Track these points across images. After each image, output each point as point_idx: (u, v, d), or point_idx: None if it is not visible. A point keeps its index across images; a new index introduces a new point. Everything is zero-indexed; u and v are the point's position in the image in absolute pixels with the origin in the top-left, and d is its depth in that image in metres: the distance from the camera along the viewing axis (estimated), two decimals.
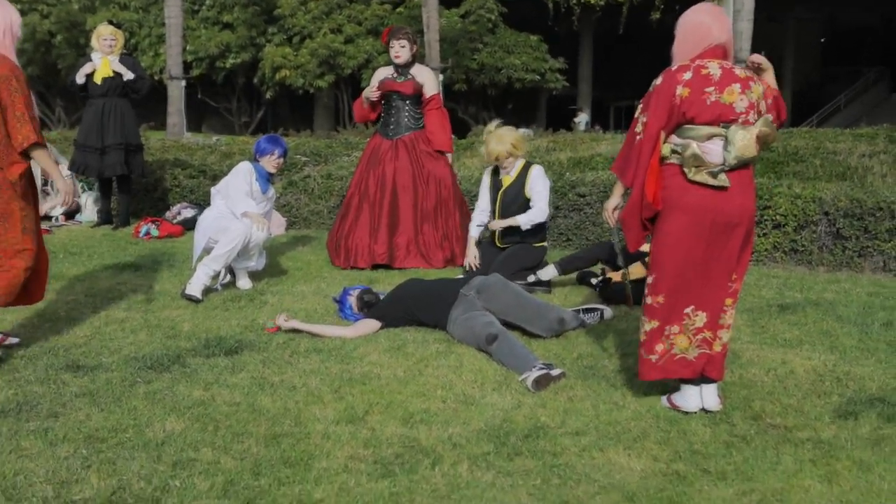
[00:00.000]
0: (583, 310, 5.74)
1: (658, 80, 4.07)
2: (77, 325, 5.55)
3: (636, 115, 4.17)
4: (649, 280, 4.14)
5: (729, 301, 4.13)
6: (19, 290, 4.91)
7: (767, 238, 7.55)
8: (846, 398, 4.25)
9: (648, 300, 4.14)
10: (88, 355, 4.93)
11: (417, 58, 7.98)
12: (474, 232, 7.13)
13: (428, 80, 7.94)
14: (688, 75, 3.99)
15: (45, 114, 28.98)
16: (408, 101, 7.82)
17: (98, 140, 9.24)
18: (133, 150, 9.49)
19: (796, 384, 4.47)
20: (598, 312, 5.76)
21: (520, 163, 6.90)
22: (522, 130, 7.65)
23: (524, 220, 6.75)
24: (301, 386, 4.42)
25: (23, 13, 26.36)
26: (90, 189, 10.51)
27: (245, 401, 4.20)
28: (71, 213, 10.48)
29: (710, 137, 3.98)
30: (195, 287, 6.32)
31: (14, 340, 5.16)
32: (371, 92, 7.80)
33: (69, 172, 9.89)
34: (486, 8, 24.61)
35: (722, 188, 3.97)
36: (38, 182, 9.78)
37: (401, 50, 7.77)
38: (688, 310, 4.08)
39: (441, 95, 8.06)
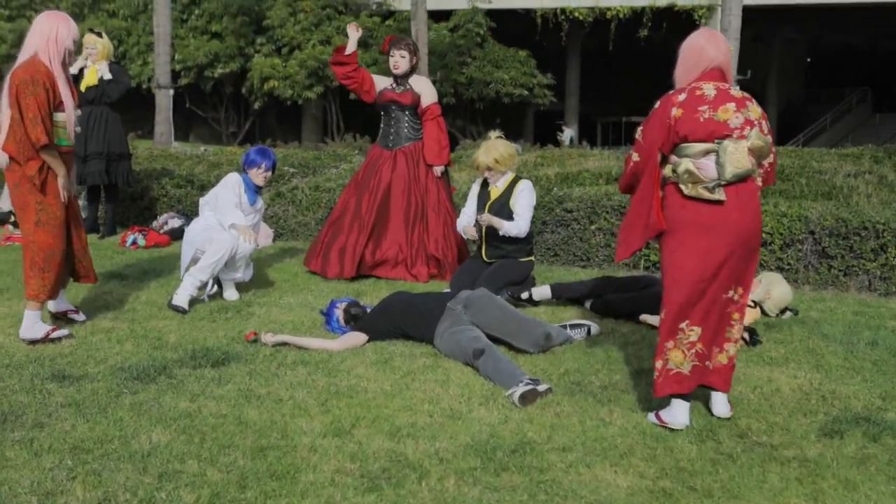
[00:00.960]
0: (570, 325, 5.75)
1: (656, 105, 4.15)
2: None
3: (636, 138, 4.24)
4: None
5: (736, 315, 4.19)
6: (50, 278, 5.45)
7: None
8: (832, 417, 4.27)
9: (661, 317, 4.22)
10: (74, 365, 4.90)
11: (416, 69, 7.99)
12: (460, 227, 7.23)
13: (426, 90, 7.94)
14: (682, 97, 4.07)
15: None
16: (407, 112, 7.83)
17: (81, 148, 9.16)
18: (116, 159, 9.42)
19: (782, 402, 4.49)
20: (585, 328, 5.77)
21: (508, 176, 6.93)
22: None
23: (506, 227, 6.73)
24: (288, 398, 4.41)
25: (11, 19, 26.40)
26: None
27: (231, 413, 4.18)
28: None
29: (705, 154, 4.02)
30: (182, 298, 6.30)
31: (81, 317, 5.83)
32: (352, 31, 7.93)
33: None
34: (474, 22, 24.68)
35: (719, 202, 4.00)
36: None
37: (400, 60, 7.79)
38: (683, 325, 4.09)
39: (439, 107, 8.05)
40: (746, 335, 5.50)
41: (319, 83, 23.91)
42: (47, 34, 5.37)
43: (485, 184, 7.05)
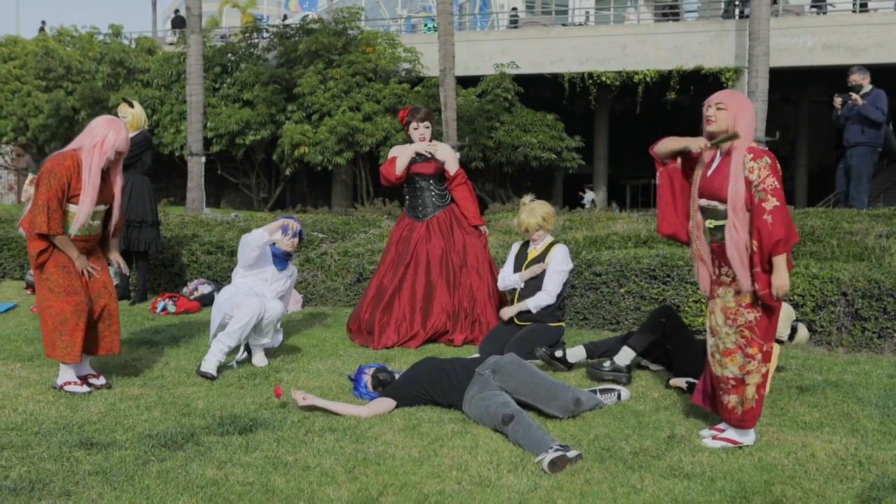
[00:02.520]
0: (600, 390, 5.69)
1: (769, 160, 4.62)
2: (92, 401, 5.53)
3: (777, 186, 4.59)
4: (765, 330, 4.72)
5: None
6: (67, 341, 5.72)
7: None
8: (869, 483, 4.17)
9: (765, 348, 4.74)
10: (102, 432, 4.90)
11: (434, 135, 8.04)
12: (501, 286, 7.30)
13: (448, 156, 7.99)
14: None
15: None
16: (431, 181, 7.87)
17: None
18: (138, 226, 9.47)
19: (817, 468, 4.40)
20: (616, 393, 5.70)
21: (548, 239, 7.07)
22: None
23: (532, 305, 6.87)
24: (315, 466, 4.37)
25: (48, 90, 26.92)
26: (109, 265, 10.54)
27: (258, 480, 4.15)
28: None
29: None
30: (210, 364, 6.30)
31: (101, 381, 5.92)
32: (424, 147, 7.89)
33: None
34: (502, 87, 24.87)
35: None
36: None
37: (425, 131, 7.88)
38: None
39: (463, 170, 8.09)
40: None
41: (349, 149, 24.13)
42: (96, 137, 5.78)
43: (524, 245, 7.17)
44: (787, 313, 6.23)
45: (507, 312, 6.99)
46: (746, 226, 4.62)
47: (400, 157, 7.88)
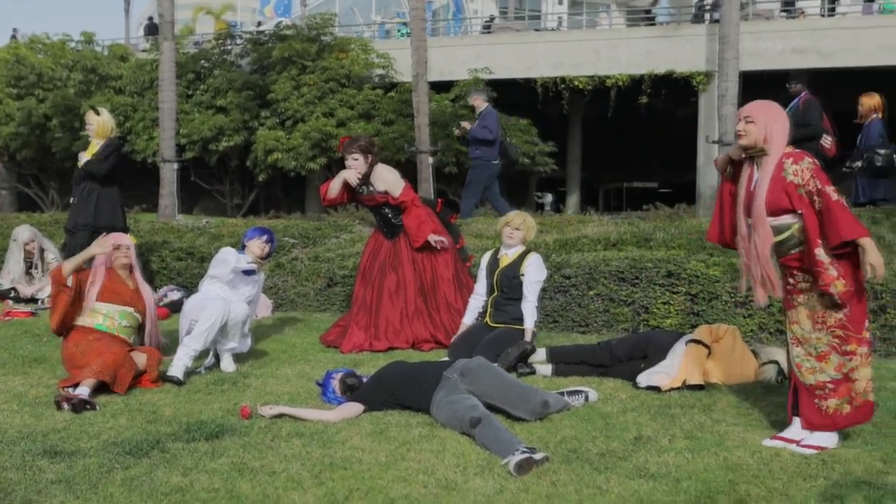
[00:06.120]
0: (567, 392, 5.69)
1: (811, 161, 4.70)
2: (57, 410, 5.47)
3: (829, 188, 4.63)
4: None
5: None
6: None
7: (753, 319, 7.53)
8: (832, 481, 4.19)
9: (867, 337, 4.78)
10: (67, 440, 4.85)
11: (375, 163, 7.80)
12: (468, 319, 7.29)
13: (389, 184, 7.78)
14: None
15: (38, 196, 29.04)
16: (385, 209, 7.81)
17: (71, 221, 9.18)
18: (105, 232, 9.26)
19: (781, 467, 4.42)
20: (583, 395, 5.71)
21: (520, 248, 7.18)
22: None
23: (531, 323, 6.99)
24: (282, 471, 4.35)
25: (19, 97, 26.66)
26: None
27: (224, 487, 4.12)
28: None
29: None
30: (177, 368, 6.28)
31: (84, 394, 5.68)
32: (352, 176, 7.70)
33: (54, 256, 10.06)
34: None
35: None
36: (22, 267, 9.88)
37: (353, 163, 7.70)
38: None
39: (409, 190, 7.85)
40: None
41: (323, 155, 24.00)
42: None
43: (494, 254, 7.27)
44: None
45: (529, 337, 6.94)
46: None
47: (333, 181, 7.81)
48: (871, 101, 12.07)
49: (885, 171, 11.70)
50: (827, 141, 11.98)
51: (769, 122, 4.74)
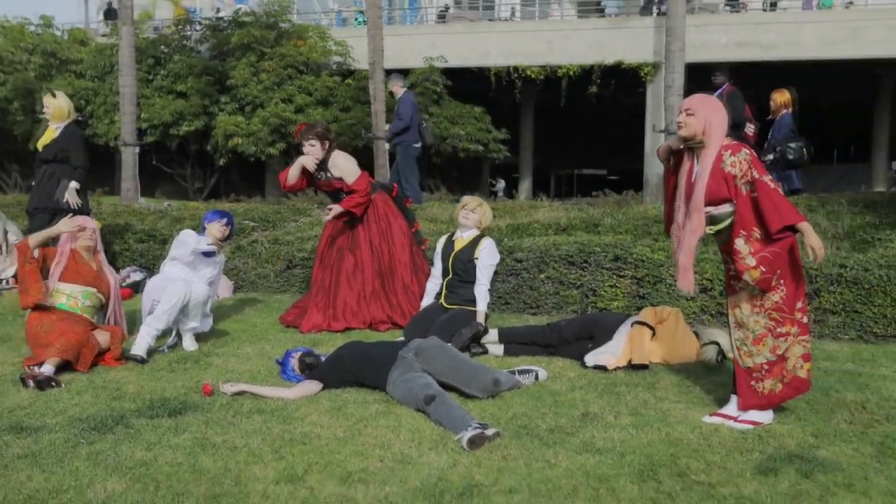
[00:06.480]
0: (518, 371, 5.77)
1: (748, 152, 4.78)
2: (23, 387, 5.46)
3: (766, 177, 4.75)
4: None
5: None
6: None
7: (695, 302, 7.66)
8: (766, 455, 4.31)
9: (802, 319, 4.86)
10: (32, 416, 4.85)
11: (332, 150, 7.83)
12: (426, 302, 7.37)
13: (344, 171, 7.82)
14: None
15: (1, 178, 28.64)
16: (341, 194, 7.83)
17: (31, 203, 9.04)
18: (64, 215, 9.08)
19: (720, 442, 4.53)
20: (534, 373, 5.79)
21: (475, 232, 7.29)
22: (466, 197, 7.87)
23: (484, 306, 7.11)
24: (242, 446, 4.38)
25: None
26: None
27: (187, 461, 4.15)
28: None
29: None
30: (140, 346, 6.29)
31: (48, 371, 5.68)
32: (309, 162, 7.73)
33: (16, 238, 9.96)
34: (431, 80, 24.85)
35: None
36: None
37: (310, 149, 7.73)
38: None
39: (363, 180, 7.83)
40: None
41: (282, 140, 23.89)
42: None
43: (448, 239, 7.35)
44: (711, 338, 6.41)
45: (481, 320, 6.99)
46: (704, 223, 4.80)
47: (291, 168, 7.80)
48: (781, 97, 12.46)
49: (796, 163, 12.06)
50: (750, 129, 12.47)
51: (708, 114, 4.82)
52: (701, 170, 4.81)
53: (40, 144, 9.06)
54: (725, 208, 4.79)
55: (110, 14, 30.90)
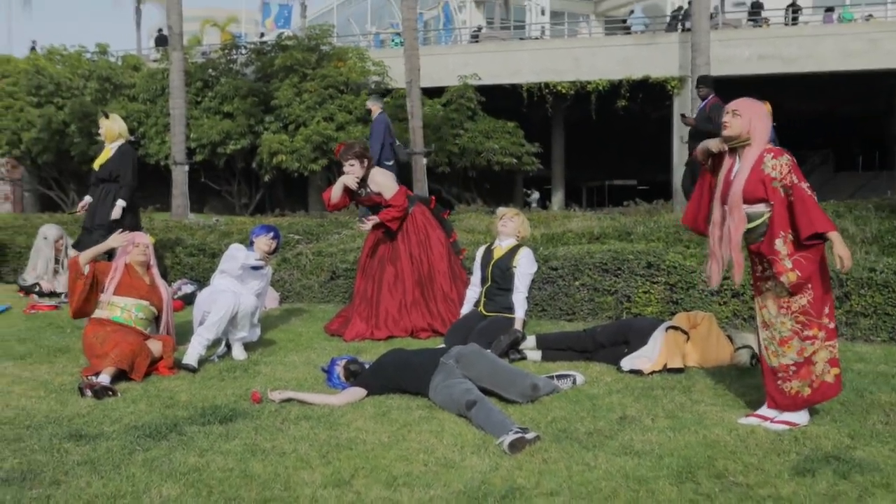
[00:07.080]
0: (556, 376, 5.69)
1: (790, 157, 4.67)
2: (81, 396, 5.46)
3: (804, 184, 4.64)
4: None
5: None
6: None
7: (728, 306, 7.53)
8: (803, 456, 4.20)
9: (829, 325, 4.75)
10: (91, 425, 4.85)
11: (370, 167, 7.80)
12: (465, 310, 7.30)
13: (382, 187, 7.81)
14: None
15: (59, 197, 29.00)
16: (381, 208, 7.78)
17: (89, 220, 9.16)
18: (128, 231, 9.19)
19: (757, 443, 4.42)
20: (571, 378, 5.71)
21: (513, 241, 7.17)
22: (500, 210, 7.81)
23: (522, 314, 6.95)
24: (291, 451, 4.34)
25: (39, 105, 26.61)
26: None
27: (238, 466, 4.12)
28: None
29: None
30: (191, 356, 6.28)
31: (105, 381, 5.65)
32: (350, 181, 7.69)
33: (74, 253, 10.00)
34: (465, 97, 24.88)
35: None
36: (51, 263, 9.84)
37: (350, 168, 7.69)
38: None
39: (401, 195, 7.81)
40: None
41: (324, 156, 24.00)
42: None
43: (488, 247, 7.27)
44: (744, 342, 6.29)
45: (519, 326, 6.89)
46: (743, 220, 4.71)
47: (334, 188, 7.81)
48: None
49: None
50: None
51: (753, 118, 4.74)
52: (741, 167, 4.72)
53: (97, 164, 9.16)
54: (759, 208, 4.70)
55: (161, 41, 31.26)
